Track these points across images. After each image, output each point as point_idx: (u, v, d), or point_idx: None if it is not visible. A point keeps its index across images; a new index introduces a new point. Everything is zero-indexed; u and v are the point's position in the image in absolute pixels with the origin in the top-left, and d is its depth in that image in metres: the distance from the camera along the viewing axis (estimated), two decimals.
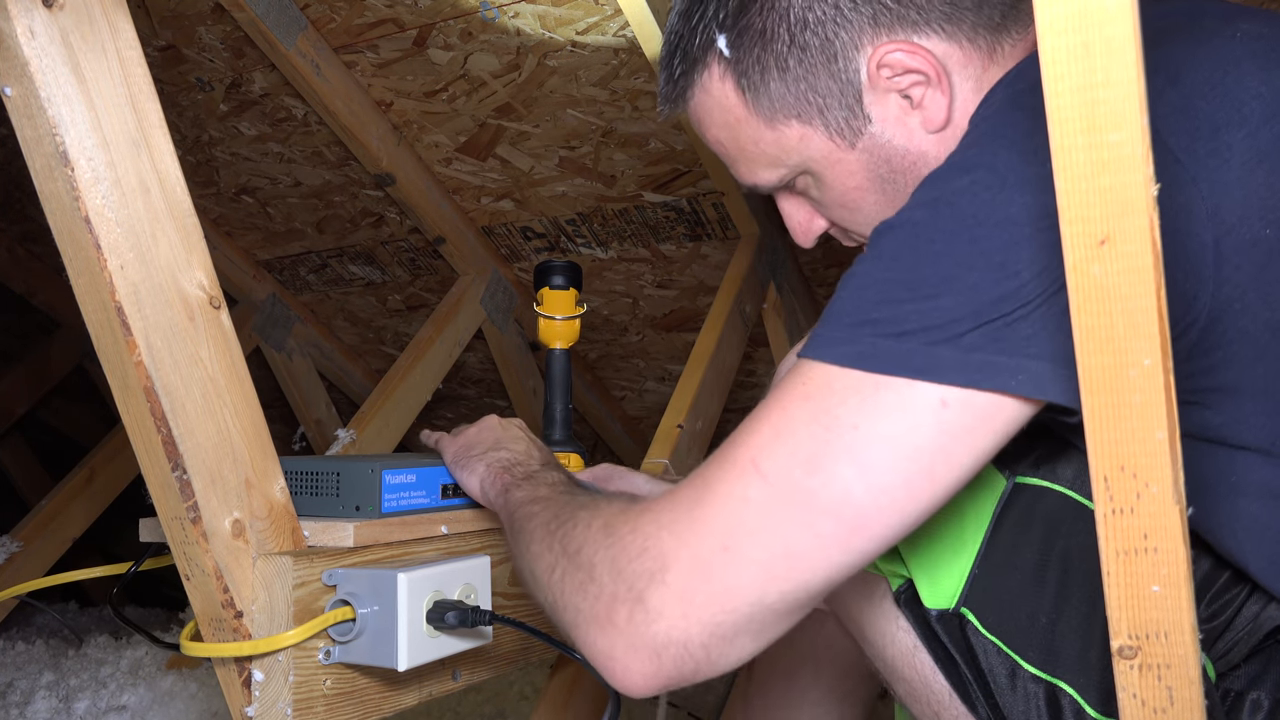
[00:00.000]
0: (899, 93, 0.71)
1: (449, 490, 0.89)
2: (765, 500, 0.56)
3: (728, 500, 0.57)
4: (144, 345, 0.66)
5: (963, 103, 0.71)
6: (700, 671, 0.58)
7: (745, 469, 0.57)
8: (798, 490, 0.55)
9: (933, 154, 0.72)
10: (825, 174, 0.77)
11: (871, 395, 0.55)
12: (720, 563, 0.56)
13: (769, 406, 0.59)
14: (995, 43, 0.71)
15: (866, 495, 0.55)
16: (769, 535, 0.56)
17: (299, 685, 0.74)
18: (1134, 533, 0.50)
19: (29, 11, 0.61)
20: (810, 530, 0.55)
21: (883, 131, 0.73)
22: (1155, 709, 0.53)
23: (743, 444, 0.58)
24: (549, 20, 1.39)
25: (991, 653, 0.67)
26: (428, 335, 1.82)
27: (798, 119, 0.74)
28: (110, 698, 1.65)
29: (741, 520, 0.57)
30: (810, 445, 0.56)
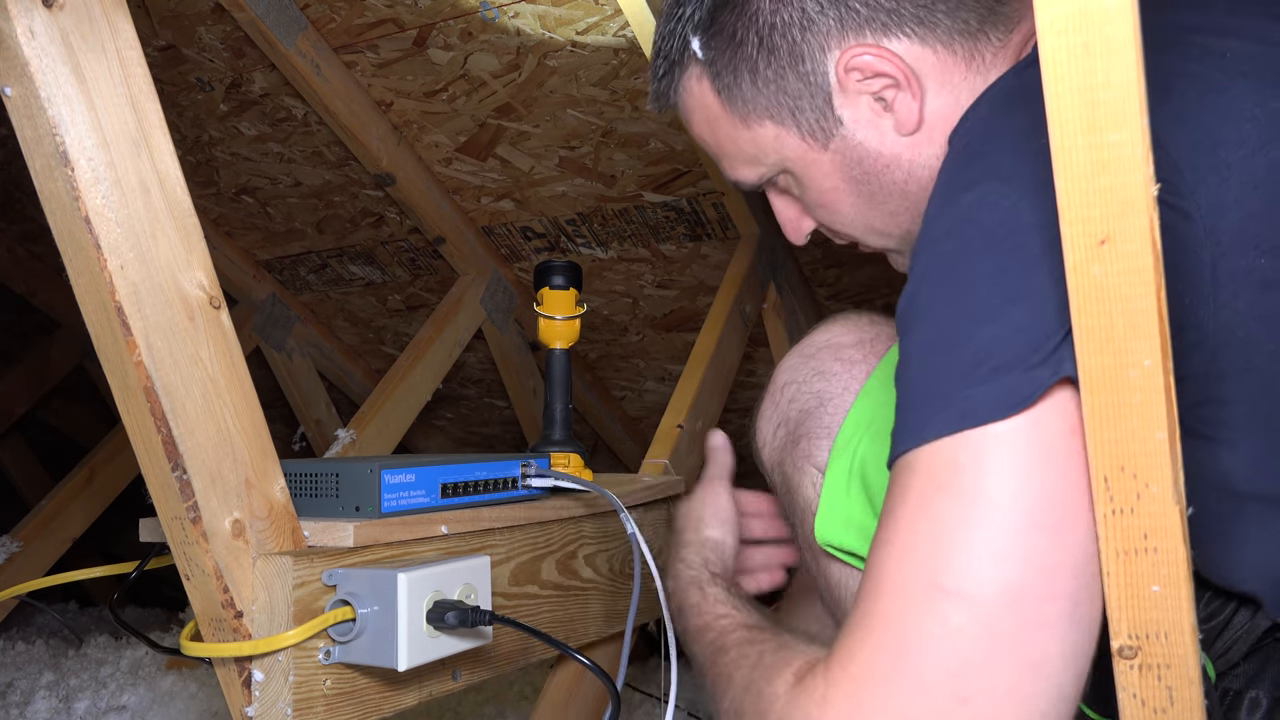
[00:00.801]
0: (871, 95, 0.71)
1: (449, 490, 0.89)
2: (974, 618, 0.48)
3: (933, 640, 0.48)
4: (144, 345, 0.66)
5: (940, 106, 0.70)
6: None
7: (929, 595, 0.49)
8: (1001, 588, 0.48)
9: (906, 157, 0.72)
10: (802, 174, 0.77)
11: (1001, 449, 0.50)
12: (967, 717, 0.48)
13: (899, 518, 0.52)
14: (973, 49, 0.70)
15: (1063, 553, 0.49)
16: (1003, 655, 0.48)
17: (299, 685, 0.74)
18: (1134, 533, 0.50)
19: (29, 11, 0.61)
20: (1038, 624, 0.48)
21: (854, 133, 0.73)
22: (1155, 709, 0.53)
23: (901, 570, 0.50)
24: (549, 20, 1.39)
25: None
26: (428, 335, 1.82)
27: (771, 119, 0.75)
28: (110, 698, 1.65)
29: (964, 655, 0.48)
30: (982, 533, 0.49)
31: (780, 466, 0.81)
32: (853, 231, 0.81)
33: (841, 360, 0.80)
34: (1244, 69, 0.61)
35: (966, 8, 0.69)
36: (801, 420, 0.80)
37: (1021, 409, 0.50)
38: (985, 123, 0.62)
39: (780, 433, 0.81)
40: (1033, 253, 0.52)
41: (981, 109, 0.64)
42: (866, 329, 0.81)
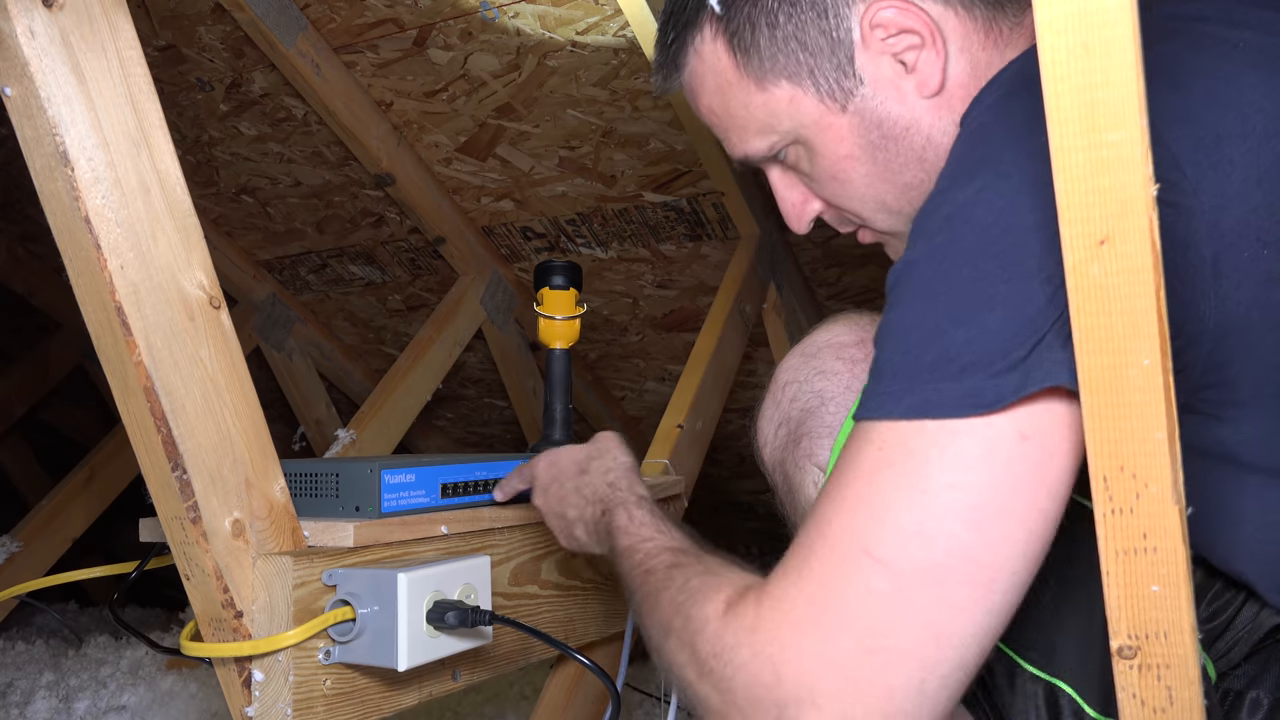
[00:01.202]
0: (893, 55, 0.69)
1: (449, 490, 0.89)
2: (893, 588, 0.52)
3: (855, 599, 0.53)
4: (144, 345, 0.66)
5: (959, 73, 0.69)
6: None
7: (859, 559, 0.53)
8: (921, 567, 0.52)
9: (926, 121, 0.71)
10: (815, 140, 0.74)
11: (951, 445, 0.53)
12: (870, 668, 0.52)
13: (849, 481, 0.55)
14: (992, 19, 0.69)
15: (988, 549, 0.52)
16: (911, 623, 0.52)
17: (299, 685, 0.74)
18: (1133, 532, 0.50)
19: (29, 11, 0.61)
20: (948, 604, 0.52)
21: (875, 94, 0.71)
22: (1155, 709, 0.53)
23: (842, 530, 0.54)
24: (549, 20, 1.39)
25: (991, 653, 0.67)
26: (428, 335, 1.82)
27: (788, 79, 0.72)
28: (110, 698, 1.65)
29: (877, 616, 0.52)
30: (915, 516, 0.52)
31: (781, 465, 0.81)
32: (862, 208, 0.78)
33: (843, 359, 0.80)
34: (1255, 60, 0.61)
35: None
36: (803, 419, 0.80)
37: (980, 413, 0.52)
38: (991, 111, 0.62)
39: (782, 432, 0.81)
40: (1021, 257, 0.53)
41: (990, 96, 0.63)
42: (868, 328, 0.81)
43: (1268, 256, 0.57)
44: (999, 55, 0.70)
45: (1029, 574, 0.54)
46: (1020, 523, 0.53)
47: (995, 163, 0.56)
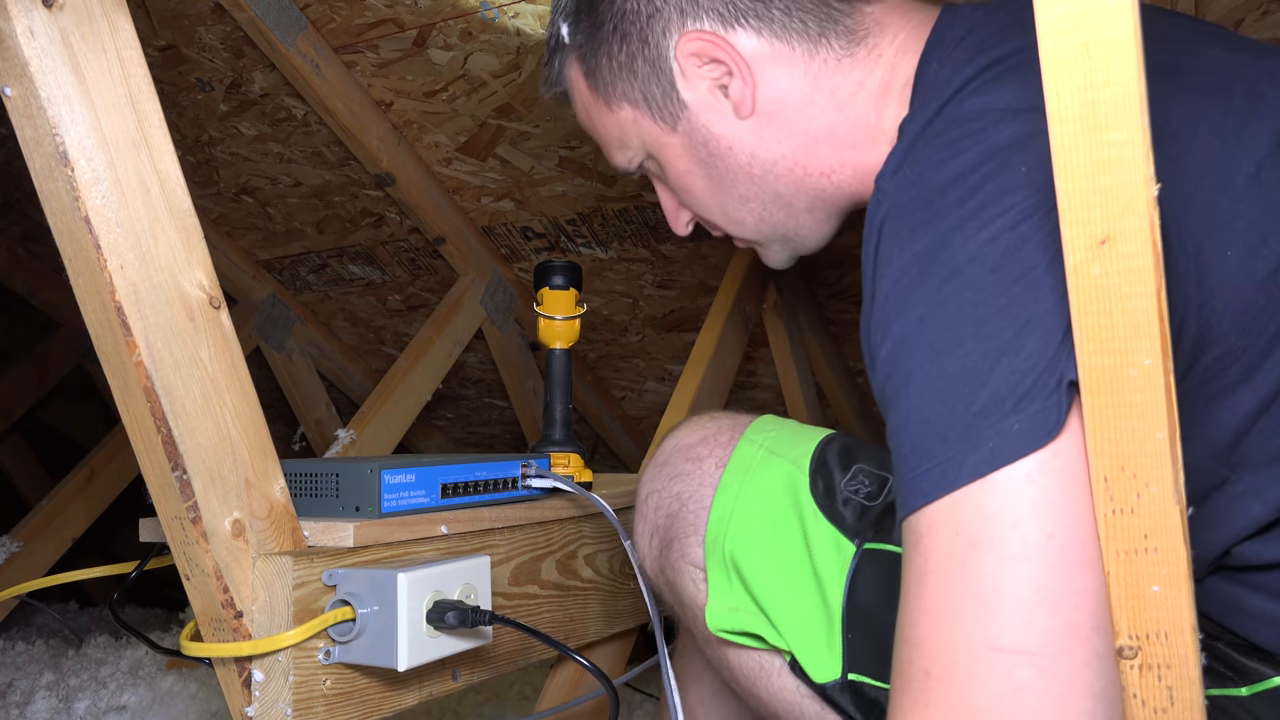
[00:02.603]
0: (711, 81, 0.76)
1: (449, 490, 0.89)
2: (1039, 671, 0.47)
3: (1002, 703, 0.47)
4: (144, 345, 0.66)
5: (778, 95, 0.75)
6: None
7: (990, 659, 0.47)
8: (1058, 634, 0.48)
9: (748, 140, 0.77)
10: (660, 156, 0.82)
11: (1029, 490, 0.49)
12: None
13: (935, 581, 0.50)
14: (813, 50, 0.74)
15: (1097, 581, 0.49)
16: (1070, 697, 0.48)
17: (299, 685, 0.74)
18: (1134, 533, 0.50)
19: (29, 11, 0.61)
20: (1095, 661, 0.48)
21: (698, 116, 0.78)
22: (1155, 709, 0.53)
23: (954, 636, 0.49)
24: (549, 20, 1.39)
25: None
26: (428, 335, 1.82)
27: (629, 102, 0.80)
28: (110, 698, 1.65)
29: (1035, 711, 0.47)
30: (1031, 585, 0.48)
31: (662, 574, 0.82)
32: (712, 217, 0.84)
33: (690, 459, 0.82)
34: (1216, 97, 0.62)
35: (803, 10, 0.74)
36: (669, 525, 0.82)
37: (1046, 442, 0.49)
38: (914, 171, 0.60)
39: (655, 542, 0.83)
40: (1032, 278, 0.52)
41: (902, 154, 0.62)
42: (708, 425, 0.84)
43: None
44: (828, 80, 0.75)
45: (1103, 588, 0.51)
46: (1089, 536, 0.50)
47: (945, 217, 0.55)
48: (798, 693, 0.73)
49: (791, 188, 0.79)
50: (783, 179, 0.78)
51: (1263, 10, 1.16)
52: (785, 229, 0.84)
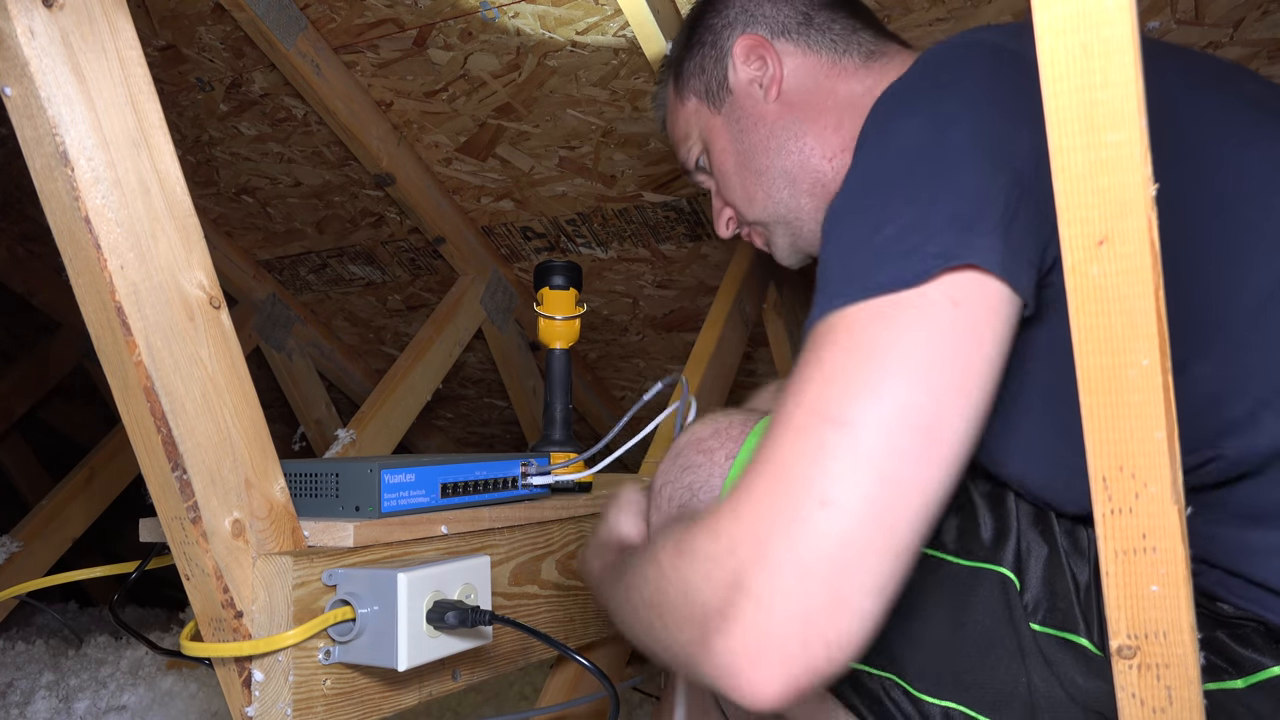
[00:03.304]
0: (753, 72, 0.97)
1: (449, 489, 0.89)
2: (847, 441, 0.55)
3: (804, 457, 0.56)
4: (144, 345, 0.66)
5: (799, 89, 0.96)
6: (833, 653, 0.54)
7: (817, 425, 0.57)
8: (873, 421, 0.55)
9: (770, 118, 0.96)
10: (708, 139, 1.02)
11: (893, 315, 0.57)
12: (824, 519, 0.54)
13: (803, 370, 0.60)
14: (836, 60, 0.96)
15: (932, 403, 0.56)
16: (862, 473, 0.55)
17: (299, 685, 0.74)
18: (1133, 532, 0.50)
19: (29, 11, 0.61)
20: (897, 453, 0.55)
21: (738, 98, 0.98)
22: (1154, 709, 0.53)
23: (793, 402, 0.58)
24: (549, 20, 1.39)
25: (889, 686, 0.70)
26: (428, 335, 1.82)
27: (695, 94, 1.03)
28: (110, 698, 1.65)
29: (828, 470, 0.55)
30: (865, 378, 0.57)
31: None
32: (734, 198, 1.01)
33: (702, 451, 0.84)
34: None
35: (834, 34, 0.97)
36: (680, 515, 0.83)
37: (914, 284, 0.57)
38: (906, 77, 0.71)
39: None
40: (953, 161, 0.61)
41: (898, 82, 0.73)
42: (721, 420, 0.87)
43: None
44: (844, 84, 0.95)
45: (971, 430, 0.57)
46: (957, 378, 0.57)
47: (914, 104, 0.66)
48: None
49: (797, 166, 0.95)
50: (792, 156, 0.95)
51: (1263, 10, 1.16)
52: (789, 210, 0.99)
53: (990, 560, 0.68)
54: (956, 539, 0.70)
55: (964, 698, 0.66)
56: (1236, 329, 0.63)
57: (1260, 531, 0.63)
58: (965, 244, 0.58)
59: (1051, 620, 0.66)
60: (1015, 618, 0.66)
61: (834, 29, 0.97)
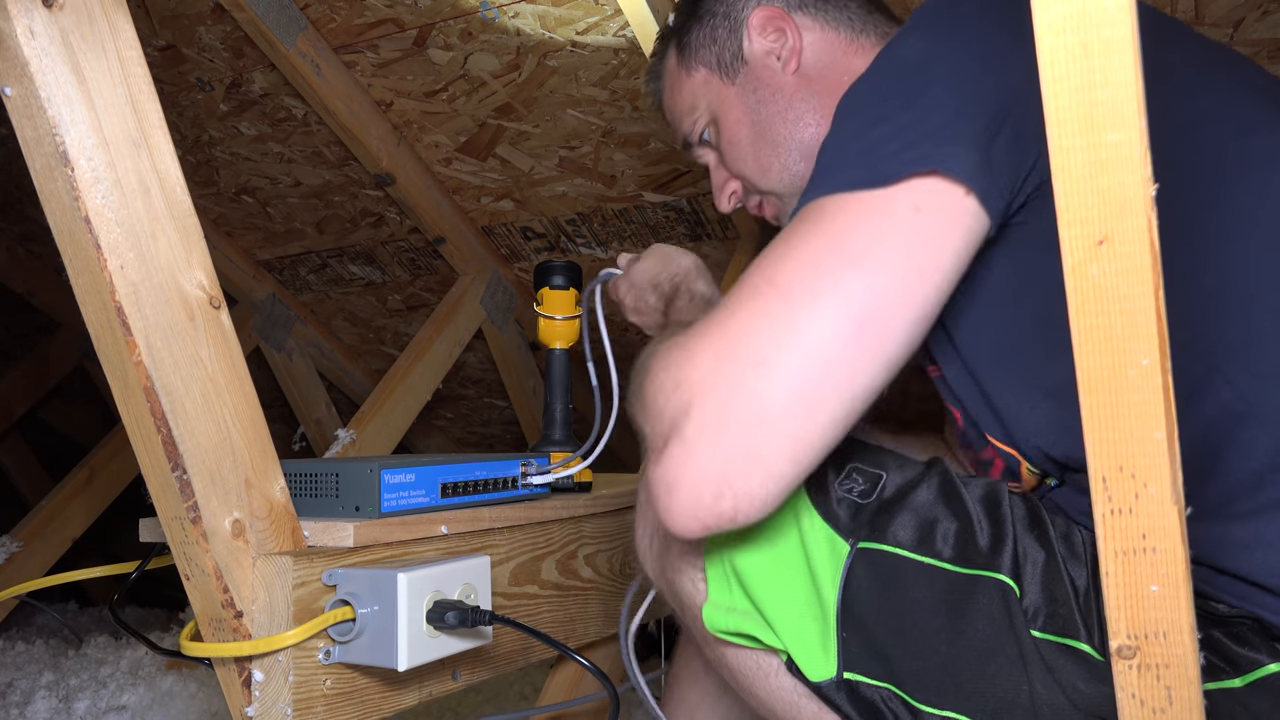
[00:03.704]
0: (769, 43, 0.95)
1: (449, 489, 0.89)
2: (785, 310, 0.60)
3: (751, 318, 0.60)
4: (144, 345, 0.66)
5: (816, 63, 0.94)
6: (740, 505, 0.60)
7: (760, 288, 0.61)
8: (809, 292, 0.60)
9: (787, 90, 0.94)
10: (718, 113, 0.99)
11: (857, 209, 0.62)
12: (754, 378, 0.59)
13: (777, 246, 0.64)
14: (853, 37, 0.95)
15: (867, 289, 0.60)
16: (796, 342, 0.59)
17: (299, 685, 0.74)
18: (1132, 533, 0.50)
19: (29, 11, 0.61)
20: (832, 332, 0.59)
21: (754, 69, 0.96)
22: (1154, 709, 0.53)
23: (756, 270, 0.63)
24: (549, 20, 1.39)
25: (888, 697, 0.69)
26: (428, 335, 1.82)
27: (704, 65, 0.99)
28: (110, 698, 1.65)
29: (767, 332, 0.60)
30: (812, 253, 0.61)
31: (662, 573, 0.83)
32: (747, 169, 0.98)
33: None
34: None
35: (852, 12, 0.96)
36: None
37: (880, 185, 0.61)
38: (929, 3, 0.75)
39: (655, 543, 0.84)
40: (938, 76, 0.65)
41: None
42: None
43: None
44: (860, 62, 0.92)
45: (915, 332, 0.61)
46: (910, 280, 0.60)
47: (926, 26, 0.70)
48: (795, 691, 0.73)
49: (813, 140, 0.93)
50: (810, 128, 0.94)
51: (1263, 10, 1.16)
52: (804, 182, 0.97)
53: (988, 567, 0.68)
54: (954, 547, 0.69)
55: (965, 707, 0.66)
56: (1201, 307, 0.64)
57: (1238, 524, 0.63)
58: (938, 152, 0.61)
59: (1051, 626, 0.66)
60: (1015, 625, 0.66)
61: (851, 8, 0.96)
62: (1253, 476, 0.63)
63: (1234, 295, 0.64)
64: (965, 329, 0.73)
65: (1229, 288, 0.65)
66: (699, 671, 1.01)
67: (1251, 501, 0.63)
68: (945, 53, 0.67)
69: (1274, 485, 0.63)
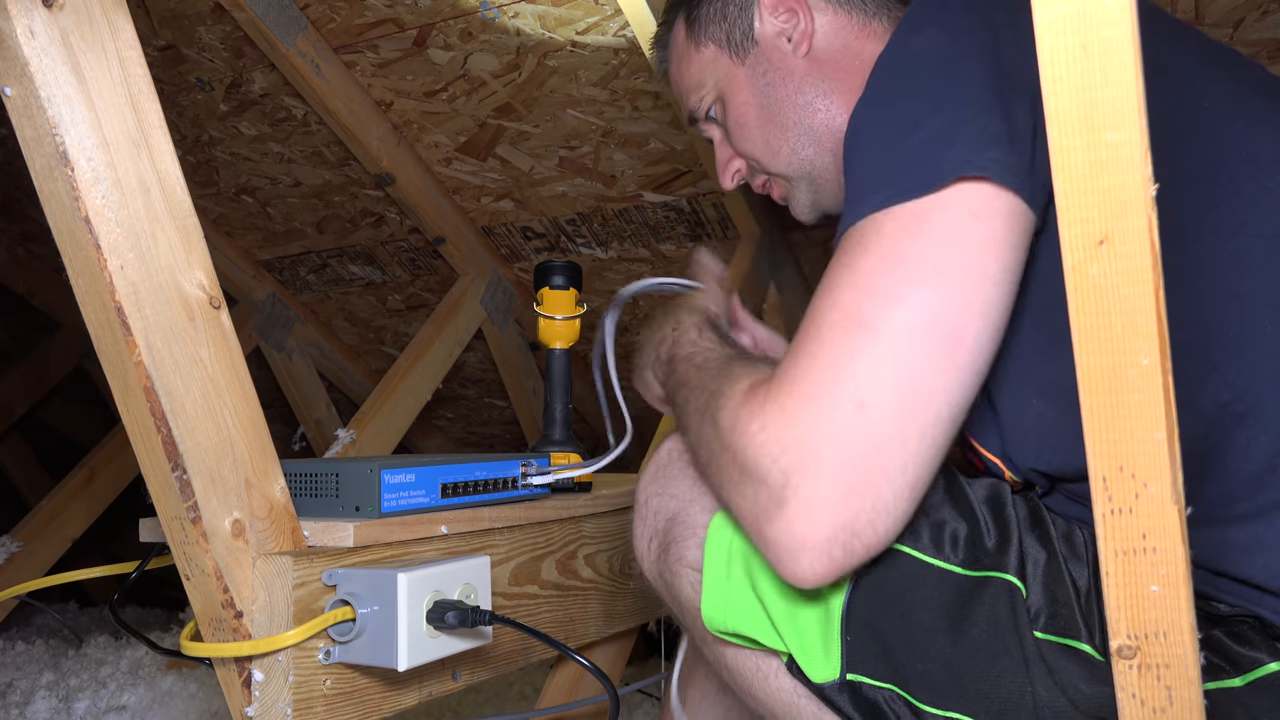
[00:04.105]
0: (781, 25, 0.94)
1: (449, 490, 0.89)
2: (875, 345, 0.59)
3: (846, 363, 0.60)
4: (144, 345, 0.66)
5: (828, 47, 0.93)
6: (871, 550, 0.60)
7: (850, 329, 0.61)
8: (900, 326, 0.59)
9: (798, 74, 0.93)
10: (726, 90, 0.98)
11: (915, 222, 0.61)
12: (860, 422, 0.58)
13: (836, 275, 0.64)
14: (866, 22, 0.93)
15: (953, 308, 0.59)
16: (894, 377, 0.59)
17: (299, 685, 0.74)
18: (1133, 533, 0.50)
19: (29, 11, 0.61)
20: (926, 358, 0.59)
21: (764, 50, 0.95)
22: (1154, 709, 0.53)
23: (826, 303, 0.63)
24: (549, 20, 1.39)
25: (891, 698, 0.69)
26: (428, 335, 1.82)
27: (714, 42, 0.98)
28: (110, 698, 1.65)
29: (865, 374, 0.59)
30: (891, 283, 0.60)
31: (661, 577, 0.83)
32: (755, 150, 0.97)
33: (689, 463, 0.84)
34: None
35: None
36: (669, 528, 0.83)
37: (932, 191, 0.61)
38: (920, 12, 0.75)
39: (654, 545, 0.84)
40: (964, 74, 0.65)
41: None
42: None
43: None
44: (872, 47, 0.91)
45: (990, 337, 0.61)
46: (977, 286, 0.60)
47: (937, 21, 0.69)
48: (795, 692, 0.73)
49: (823, 125, 0.93)
50: (819, 114, 0.93)
51: (1263, 10, 1.16)
52: (812, 167, 0.96)
53: (995, 568, 0.68)
54: (963, 549, 0.69)
55: (968, 708, 0.66)
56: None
57: (1237, 528, 0.63)
58: (981, 158, 0.61)
59: (1053, 627, 0.66)
60: (1020, 626, 0.66)
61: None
62: (1251, 478, 0.63)
63: (1231, 296, 0.64)
64: None
65: (1226, 289, 0.64)
66: (701, 674, 1.01)
67: (1250, 504, 0.63)
68: (966, 46, 0.66)
69: (1273, 487, 0.63)
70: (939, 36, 0.68)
